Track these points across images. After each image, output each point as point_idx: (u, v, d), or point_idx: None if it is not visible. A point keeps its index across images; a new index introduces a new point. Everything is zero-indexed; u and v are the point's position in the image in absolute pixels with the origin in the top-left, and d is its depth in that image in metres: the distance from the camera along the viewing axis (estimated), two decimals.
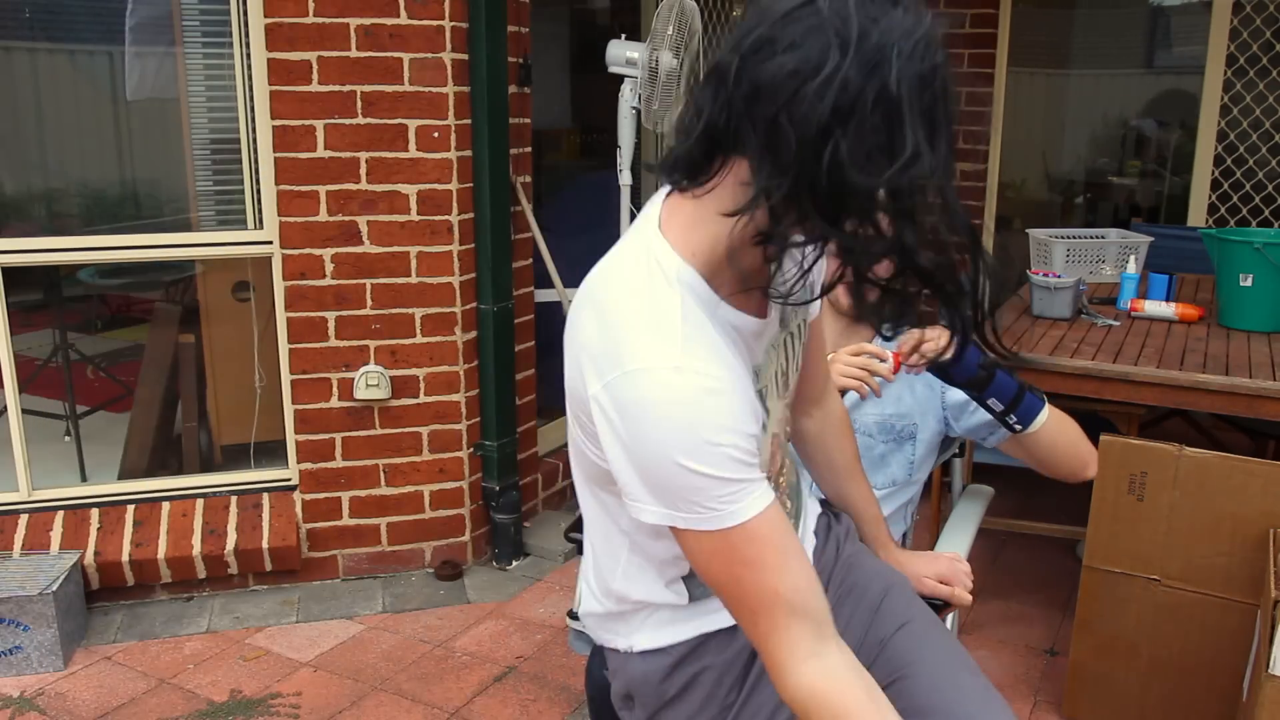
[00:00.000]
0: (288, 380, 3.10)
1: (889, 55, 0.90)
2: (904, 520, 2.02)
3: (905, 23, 0.92)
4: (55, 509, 3.04)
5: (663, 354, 1.02)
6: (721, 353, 1.06)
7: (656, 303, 1.05)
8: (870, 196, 0.93)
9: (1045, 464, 1.88)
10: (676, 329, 1.03)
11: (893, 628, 1.41)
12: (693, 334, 1.04)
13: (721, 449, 1.02)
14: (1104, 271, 3.61)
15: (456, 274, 3.11)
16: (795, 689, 1.07)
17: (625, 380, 1.03)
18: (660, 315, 1.04)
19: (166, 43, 3.43)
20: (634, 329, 1.04)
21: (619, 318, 1.06)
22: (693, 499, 1.03)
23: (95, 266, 3.89)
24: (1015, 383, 1.76)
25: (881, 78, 0.90)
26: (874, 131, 0.91)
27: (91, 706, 2.57)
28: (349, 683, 2.68)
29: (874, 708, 1.09)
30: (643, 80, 3.01)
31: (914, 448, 1.94)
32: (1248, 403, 2.47)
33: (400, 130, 2.99)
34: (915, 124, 0.92)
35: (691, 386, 1.01)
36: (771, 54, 0.93)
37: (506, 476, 3.33)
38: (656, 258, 1.08)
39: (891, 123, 0.91)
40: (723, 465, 1.02)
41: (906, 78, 0.91)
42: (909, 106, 0.91)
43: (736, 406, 1.04)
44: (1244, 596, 2.21)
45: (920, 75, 0.91)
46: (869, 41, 0.91)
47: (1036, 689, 2.63)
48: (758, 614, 1.08)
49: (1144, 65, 5.00)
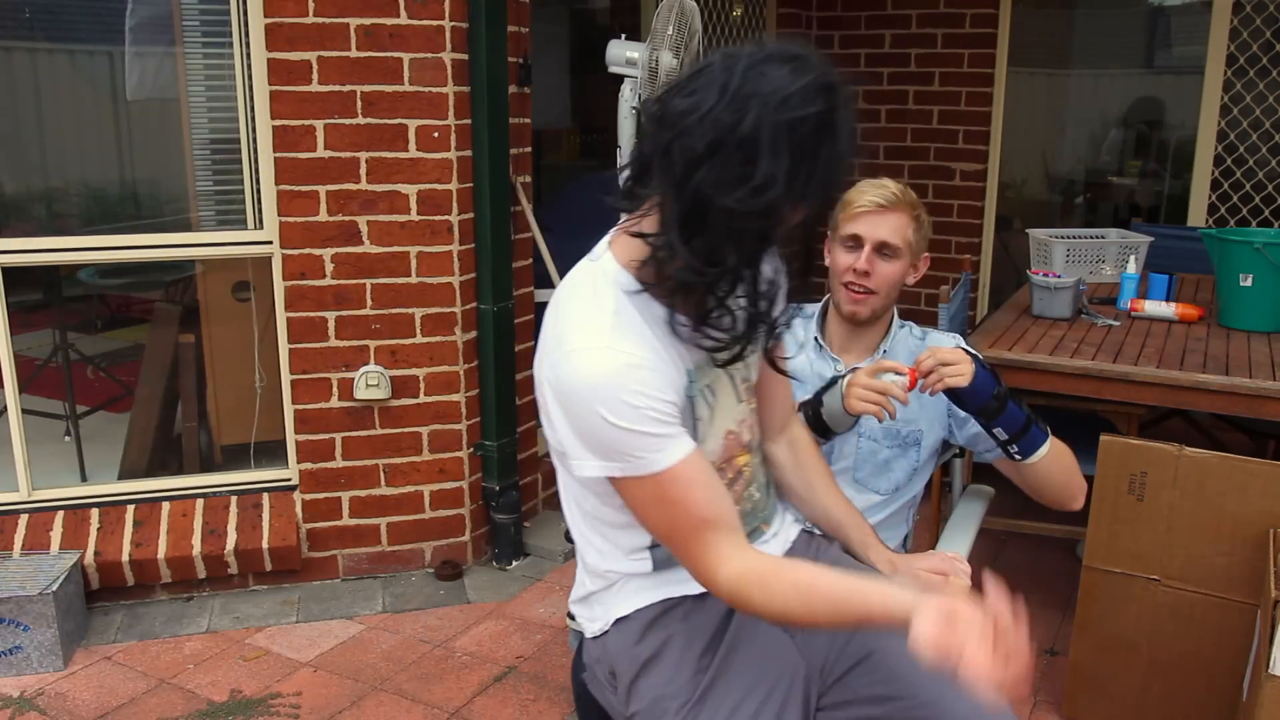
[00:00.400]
0: (288, 380, 3.10)
1: (752, 104, 1.15)
2: (905, 523, 2.02)
3: (781, 79, 1.16)
4: (55, 509, 3.04)
5: (595, 338, 1.28)
6: (646, 338, 1.30)
7: (595, 300, 1.31)
8: (725, 213, 1.17)
9: (1034, 492, 1.87)
10: (608, 320, 1.29)
11: None
12: (621, 324, 1.29)
13: (639, 410, 1.26)
14: (1104, 271, 3.61)
15: (456, 274, 3.11)
16: (726, 581, 1.31)
17: (564, 359, 1.29)
18: (596, 309, 1.30)
19: (166, 43, 3.43)
20: (574, 322, 1.31)
21: (565, 313, 1.33)
22: (621, 450, 1.28)
23: (95, 266, 3.89)
24: (1024, 415, 1.76)
25: (743, 120, 1.15)
26: (735, 163, 1.16)
27: (91, 706, 2.57)
28: (349, 683, 2.68)
29: (789, 565, 1.40)
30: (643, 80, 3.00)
31: (918, 453, 1.94)
32: (1248, 403, 2.48)
33: (400, 130, 2.99)
34: (773, 159, 1.15)
35: (616, 362, 1.26)
36: (678, 95, 1.21)
37: (506, 476, 3.33)
38: (601, 266, 1.35)
39: (749, 157, 1.15)
40: (642, 422, 1.26)
41: (767, 122, 1.14)
42: (767, 145, 1.15)
43: (654, 379, 1.28)
44: (1244, 596, 2.21)
45: (786, 121, 1.14)
46: (742, 91, 1.16)
47: (1036, 689, 2.63)
48: (690, 540, 1.32)
49: (1144, 65, 5.00)
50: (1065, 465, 1.83)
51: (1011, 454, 1.80)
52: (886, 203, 1.84)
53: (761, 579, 1.31)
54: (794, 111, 1.15)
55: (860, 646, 1.46)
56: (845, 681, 1.46)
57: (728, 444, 1.46)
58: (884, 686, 1.42)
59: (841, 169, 1.22)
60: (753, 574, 1.31)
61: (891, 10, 4.85)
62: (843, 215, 1.89)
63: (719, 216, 1.18)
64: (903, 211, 1.85)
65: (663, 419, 1.28)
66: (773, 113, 1.15)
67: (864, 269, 1.85)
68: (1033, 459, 1.79)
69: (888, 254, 1.86)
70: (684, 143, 1.18)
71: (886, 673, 1.43)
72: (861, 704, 1.43)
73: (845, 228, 1.88)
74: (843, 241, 1.89)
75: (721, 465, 1.45)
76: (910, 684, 1.41)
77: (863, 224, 1.85)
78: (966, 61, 4.75)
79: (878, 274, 1.86)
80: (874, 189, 1.86)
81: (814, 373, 1.96)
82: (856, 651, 1.46)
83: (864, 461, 1.92)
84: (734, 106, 1.15)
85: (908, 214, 1.86)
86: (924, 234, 1.90)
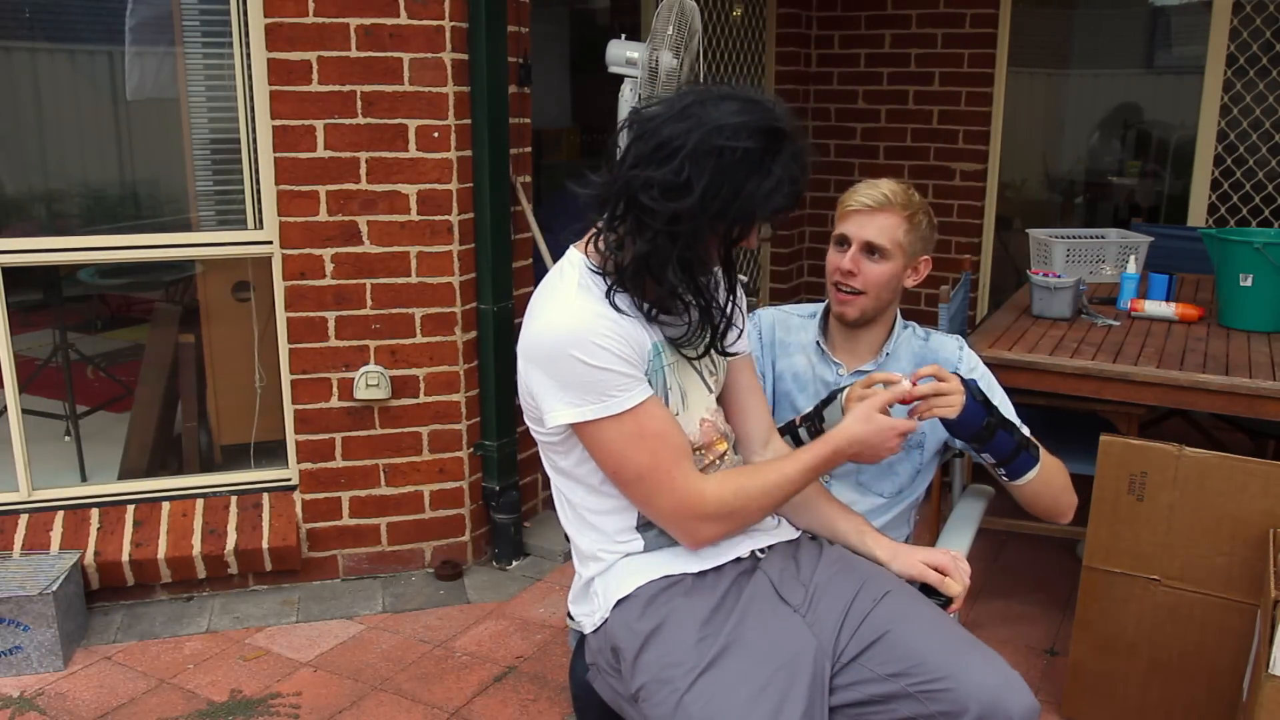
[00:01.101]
0: (288, 380, 3.10)
1: (693, 124, 1.36)
2: (907, 524, 2.02)
3: (726, 114, 1.36)
4: (55, 509, 3.04)
5: (562, 302, 1.46)
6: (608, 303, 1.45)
7: (561, 279, 1.49)
8: (645, 210, 1.38)
9: (1023, 505, 1.88)
10: (573, 289, 1.47)
11: (873, 599, 1.53)
12: (584, 293, 1.46)
13: (606, 351, 1.41)
14: (1104, 271, 3.61)
15: (456, 274, 3.11)
16: (714, 497, 1.48)
17: (535, 322, 1.46)
18: (562, 285, 1.48)
19: (166, 43, 3.43)
20: (544, 298, 1.49)
21: (536, 296, 1.51)
22: (595, 389, 1.42)
23: (95, 266, 3.89)
24: (1013, 442, 1.76)
25: (682, 135, 1.36)
26: (665, 170, 1.36)
27: (91, 706, 2.57)
28: (349, 683, 2.68)
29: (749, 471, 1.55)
30: (643, 80, 3.00)
31: (921, 455, 1.94)
32: (1248, 403, 2.48)
33: (400, 130, 2.99)
34: (695, 173, 1.35)
35: (585, 312, 1.43)
36: (645, 108, 1.44)
37: (506, 476, 3.33)
38: (568, 258, 1.53)
39: (677, 167, 1.35)
40: (610, 361, 1.41)
41: (696, 140, 1.34)
42: (689, 159, 1.35)
43: (618, 329, 1.43)
44: (1244, 596, 2.21)
45: (715, 146, 1.34)
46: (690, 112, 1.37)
47: (1037, 689, 2.63)
48: (674, 469, 1.46)
49: (1144, 65, 5.00)
50: (1055, 484, 1.83)
51: (999, 476, 1.81)
52: (875, 204, 1.84)
53: (739, 487, 1.50)
54: (725, 140, 1.34)
55: (874, 628, 1.48)
56: (859, 661, 1.48)
57: (705, 430, 1.58)
58: (898, 664, 1.44)
59: (767, 204, 1.37)
60: (732, 485, 1.50)
61: (891, 10, 4.85)
62: (836, 215, 1.90)
63: (642, 212, 1.38)
64: (893, 213, 1.84)
65: (630, 361, 1.44)
66: (707, 135, 1.34)
67: (848, 269, 1.86)
68: (1021, 481, 1.79)
69: (875, 255, 1.86)
70: (637, 147, 1.39)
71: (901, 650, 1.45)
72: (876, 682, 1.46)
73: (836, 227, 1.90)
74: (834, 241, 1.90)
75: (702, 449, 1.57)
76: (924, 659, 1.43)
77: (851, 224, 1.87)
78: (966, 61, 4.75)
79: (864, 275, 1.86)
80: (866, 190, 1.86)
81: (815, 376, 1.96)
82: (870, 633, 1.48)
83: (868, 465, 1.91)
84: (680, 123, 1.37)
85: (898, 215, 1.85)
86: (922, 236, 1.89)
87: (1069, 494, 1.86)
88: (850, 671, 1.48)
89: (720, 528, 1.51)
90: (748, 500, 1.50)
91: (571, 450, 1.53)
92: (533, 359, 1.46)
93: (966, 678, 1.40)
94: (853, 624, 1.50)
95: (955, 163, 4.86)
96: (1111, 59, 5.05)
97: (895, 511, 1.95)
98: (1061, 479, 1.85)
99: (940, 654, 1.43)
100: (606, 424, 1.44)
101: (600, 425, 1.44)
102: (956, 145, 4.84)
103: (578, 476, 1.55)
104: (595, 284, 1.47)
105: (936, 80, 4.82)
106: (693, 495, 1.46)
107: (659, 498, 1.47)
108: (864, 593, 1.54)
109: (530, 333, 1.47)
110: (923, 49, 4.81)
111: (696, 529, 1.50)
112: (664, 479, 1.46)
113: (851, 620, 1.50)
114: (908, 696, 1.42)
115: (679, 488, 1.46)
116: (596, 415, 1.43)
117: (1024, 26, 4.76)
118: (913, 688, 1.42)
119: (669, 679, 1.42)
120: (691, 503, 1.47)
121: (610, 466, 1.48)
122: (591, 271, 1.48)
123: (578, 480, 1.56)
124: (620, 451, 1.45)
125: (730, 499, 1.48)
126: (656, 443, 1.45)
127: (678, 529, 1.50)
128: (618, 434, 1.44)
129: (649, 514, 1.52)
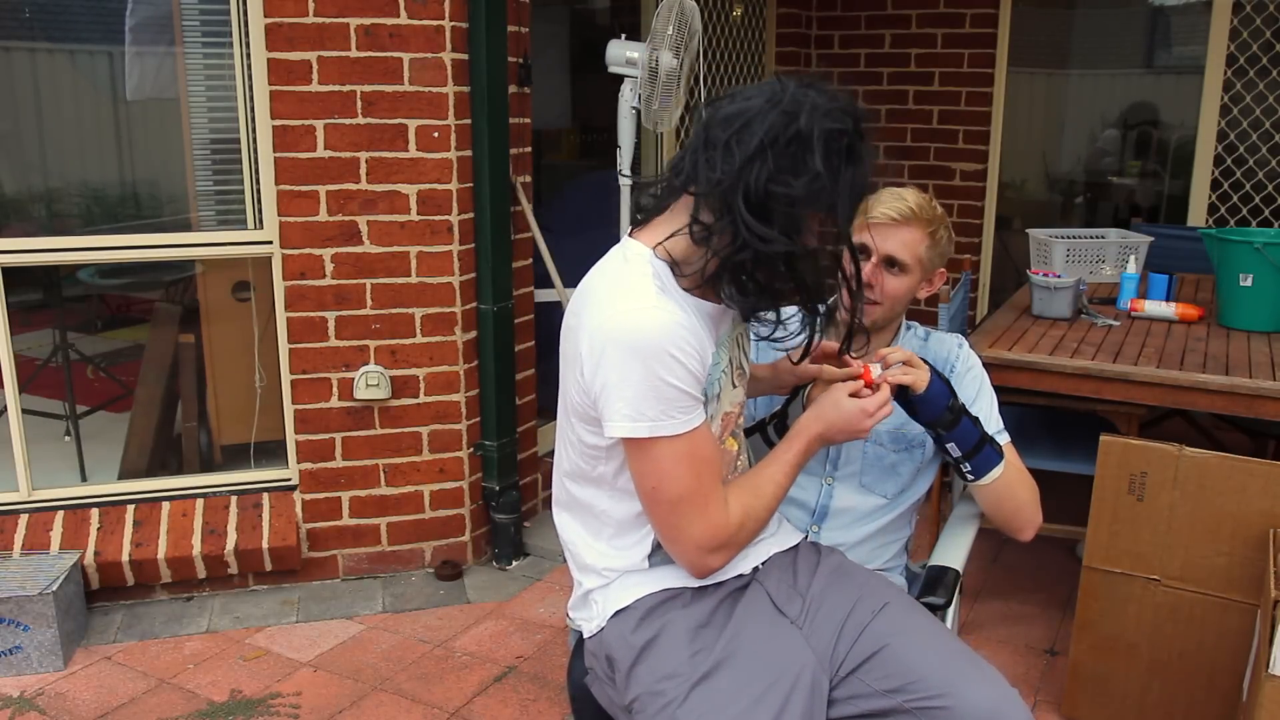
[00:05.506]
0: (288, 380, 3.10)
1: (803, 111, 1.34)
2: (908, 525, 2.02)
3: (823, 100, 1.36)
4: (55, 509, 3.04)
5: (642, 300, 1.38)
6: (684, 306, 1.41)
7: (634, 276, 1.42)
8: (783, 201, 1.34)
9: (984, 510, 1.86)
10: (650, 288, 1.40)
11: (872, 610, 1.53)
12: (662, 291, 1.40)
13: (683, 368, 1.36)
14: (1104, 271, 3.61)
15: (456, 274, 3.11)
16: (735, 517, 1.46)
17: (617, 315, 1.38)
18: (638, 282, 1.41)
19: (166, 43, 3.43)
20: (620, 292, 1.41)
21: (611, 289, 1.43)
22: (662, 404, 1.36)
23: (95, 266, 3.89)
24: (978, 434, 1.74)
25: (796, 123, 1.33)
26: (788, 158, 1.33)
27: (91, 706, 2.57)
28: (349, 683, 2.68)
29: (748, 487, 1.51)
30: (643, 80, 3.01)
31: (922, 454, 1.93)
32: (1248, 403, 2.48)
33: (400, 130, 2.99)
34: (819, 158, 1.33)
35: (666, 317, 1.36)
36: (730, 101, 1.40)
37: (506, 476, 3.33)
38: (628, 254, 1.46)
39: (800, 153, 1.33)
40: (685, 379, 1.37)
41: (815, 127, 1.33)
42: (816, 145, 1.33)
43: (695, 340, 1.39)
44: (1244, 596, 2.21)
45: (827, 129, 1.33)
46: (793, 101, 1.35)
47: (1036, 689, 2.63)
48: (711, 493, 1.43)
49: (1144, 65, 5.00)
50: (1018, 494, 1.80)
51: (965, 473, 1.78)
52: (900, 216, 1.78)
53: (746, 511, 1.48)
54: (835, 123, 1.34)
55: (872, 641, 1.48)
56: (857, 675, 1.48)
57: (724, 425, 1.56)
58: (896, 679, 1.44)
59: (862, 190, 1.39)
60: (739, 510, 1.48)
61: (891, 10, 4.85)
62: (857, 222, 1.80)
63: (779, 202, 1.34)
64: (917, 227, 1.79)
65: (699, 380, 1.41)
66: (820, 122, 1.33)
67: (868, 281, 1.79)
68: (985, 480, 1.77)
69: (895, 268, 1.81)
70: (743, 138, 1.34)
71: (898, 665, 1.45)
72: (873, 697, 1.45)
73: (857, 235, 1.80)
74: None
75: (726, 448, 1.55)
76: (922, 676, 1.43)
77: (874, 235, 1.79)
78: (966, 61, 4.75)
79: (882, 287, 1.81)
80: (891, 200, 1.80)
81: None
82: (868, 646, 1.48)
83: (870, 466, 1.91)
84: (786, 111, 1.34)
85: (922, 230, 1.80)
86: (941, 250, 1.84)
87: (1031, 510, 1.81)
88: (848, 685, 1.48)
89: (730, 554, 1.49)
90: (756, 523, 1.50)
91: (615, 457, 1.48)
92: (606, 354, 1.37)
93: (964, 696, 1.39)
94: (850, 635, 1.49)
95: (955, 163, 4.86)
96: (1111, 59, 5.05)
97: (897, 512, 1.95)
98: (1027, 493, 1.81)
99: (938, 670, 1.43)
100: (663, 441, 1.39)
101: (656, 442, 1.39)
102: (956, 145, 4.84)
103: (618, 485, 1.49)
104: (670, 284, 1.42)
105: (936, 80, 4.82)
106: (718, 516, 1.44)
107: (691, 524, 1.43)
108: (862, 604, 1.53)
109: (609, 323, 1.38)
110: (923, 49, 4.81)
111: (710, 560, 1.47)
112: (700, 503, 1.42)
113: (849, 632, 1.50)
114: (905, 713, 1.42)
115: (712, 514, 1.43)
116: (654, 434, 1.38)
117: (1024, 26, 4.76)
118: (910, 704, 1.41)
119: (662, 691, 1.41)
120: (716, 530, 1.44)
121: (649, 483, 1.43)
122: (670, 270, 1.42)
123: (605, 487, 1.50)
124: (668, 470, 1.40)
125: (739, 523, 1.47)
126: (703, 466, 1.42)
127: (695, 558, 1.46)
128: (670, 452, 1.39)
129: (670, 538, 1.47)
